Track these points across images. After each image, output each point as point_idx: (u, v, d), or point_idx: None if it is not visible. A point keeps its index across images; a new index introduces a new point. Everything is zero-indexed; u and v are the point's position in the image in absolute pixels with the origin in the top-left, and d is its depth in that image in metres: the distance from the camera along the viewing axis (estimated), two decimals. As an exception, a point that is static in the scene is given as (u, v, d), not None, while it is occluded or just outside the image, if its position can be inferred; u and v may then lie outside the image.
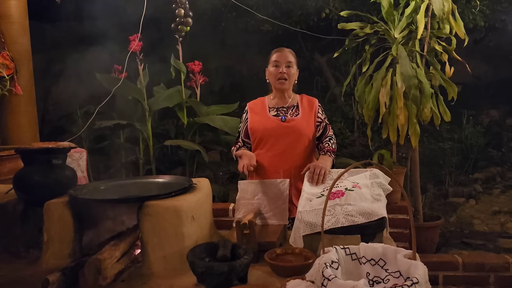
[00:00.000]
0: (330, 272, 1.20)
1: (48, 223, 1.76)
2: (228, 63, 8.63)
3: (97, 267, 1.48)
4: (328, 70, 8.13)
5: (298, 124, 2.41)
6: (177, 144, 3.94)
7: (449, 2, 3.09)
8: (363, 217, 1.67)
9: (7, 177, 2.50)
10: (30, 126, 3.20)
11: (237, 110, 4.30)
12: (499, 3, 5.87)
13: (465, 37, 3.21)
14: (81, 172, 2.27)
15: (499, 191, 5.33)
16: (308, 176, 2.10)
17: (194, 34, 4.65)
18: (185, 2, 3.89)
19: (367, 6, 5.35)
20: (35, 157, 1.89)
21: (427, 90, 3.07)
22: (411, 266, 1.22)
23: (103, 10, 4.11)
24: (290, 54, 2.45)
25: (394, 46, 3.19)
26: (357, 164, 1.42)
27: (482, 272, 2.96)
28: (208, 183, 2.00)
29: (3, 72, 2.88)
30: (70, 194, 1.77)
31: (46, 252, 1.76)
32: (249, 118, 2.49)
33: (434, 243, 3.48)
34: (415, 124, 3.16)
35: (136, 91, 3.88)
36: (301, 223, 1.71)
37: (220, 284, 1.44)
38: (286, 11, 6.72)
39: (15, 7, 3.07)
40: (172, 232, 1.66)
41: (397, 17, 3.24)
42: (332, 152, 2.39)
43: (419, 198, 3.51)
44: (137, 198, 1.73)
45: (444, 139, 6.77)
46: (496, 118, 7.35)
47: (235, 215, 2.10)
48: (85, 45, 4.79)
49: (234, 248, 1.60)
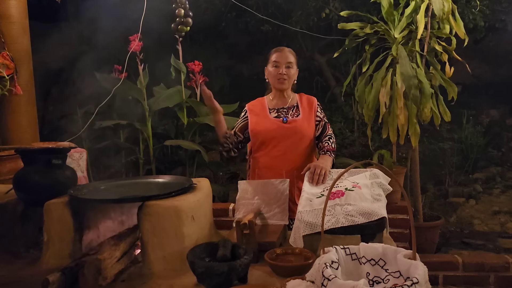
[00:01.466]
0: (330, 272, 1.20)
1: (48, 223, 1.76)
2: (228, 63, 8.63)
3: (97, 267, 1.48)
4: (328, 70, 8.13)
5: (299, 124, 2.41)
6: (177, 144, 3.93)
7: (449, 2, 3.09)
8: (363, 217, 1.67)
9: (7, 177, 2.50)
10: (30, 126, 3.20)
11: (237, 110, 4.29)
12: (499, 3, 5.87)
13: (465, 37, 3.21)
14: (81, 172, 2.27)
15: (499, 191, 5.32)
16: (308, 176, 2.10)
17: (194, 34, 4.65)
18: (185, 2, 3.88)
19: (367, 6, 5.34)
20: (35, 157, 1.89)
21: (427, 90, 3.07)
22: (411, 266, 1.22)
23: (103, 10, 4.11)
24: (290, 54, 2.44)
25: (394, 46, 3.19)
26: (357, 164, 1.42)
27: (482, 272, 2.96)
28: (208, 183, 2.00)
29: (3, 72, 2.88)
30: (70, 194, 1.77)
31: (46, 252, 1.76)
32: (250, 120, 2.47)
33: (434, 243, 3.48)
34: (415, 124, 3.16)
35: (136, 91, 3.88)
36: (301, 223, 1.71)
37: (220, 284, 1.44)
38: (286, 11, 6.72)
39: (15, 7, 3.07)
40: (172, 232, 1.66)
41: (397, 17, 3.24)
42: (332, 151, 2.38)
43: (419, 198, 3.51)
44: (137, 198, 1.72)
45: (444, 139, 6.76)
46: (496, 118, 7.35)
47: (235, 215, 2.10)
48: (85, 45, 4.79)
49: (234, 248, 1.60)
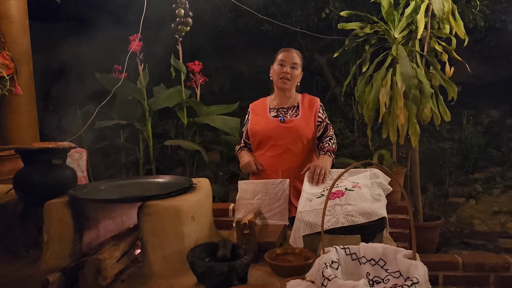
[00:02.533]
0: (330, 272, 1.20)
1: (48, 223, 1.76)
2: (228, 63, 8.63)
3: (97, 267, 1.48)
4: (328, 70, 8.13)
5: (297, 125, 2.41)
6: (177, 144, 3.93)
7: (449, 2, 3.09)
8: (363, 217, 1.67)
9: (7, 177, 2.49)
10: (30, 126, 3.20)
11: (237, 110, 4.30)
12: (499, 3, 5.87)
13: (465, 37, 3.21)
14: (81, 172, 2.27)
15: (499, 191, 5.33)
16: (308, 176, 2.10)
17: (194, 34, 4.65)
18: (185, 2, 3.88)
19: (367, 6, 5.35)
20: (35, 157, 1.89)
21: (427, 90, 3.07)
22: (411, 266, 1.22)
23: (103, 10, 4.11)
24: (296, 56, 2.46)
25: (394, 46, 3.19)
26: (357, 164, 1.42)
27: (482, 272, 2.96)
28: (208, 183, 2.00)
29: (3, 72, 2.87)
30: (70, 194, 1.77)
31: (46, 252, 1.76)
32: (250, 120, 2.49)
33: (434, 243, 3.48)
34: (415, 124, 3.16)
35: (136, 91, 3.88)
36: (301, 223, 1.71)
37: (220, 284, 1.44)
38: (286, 11, 6.72)
39: (15, 7, 3.07)
40: (172, 232, 1.66)
41: (397, 17, 3.24)
42: (332, 152, 2.39)
43: (419, 198, 3.51)
44: (137, 198, 1.72)
45: (444, 139, 6.77)
46: (496, 118, 7.35)
47: (235, 215, 2.10)
48: (85, 45, 4.79)
49: (234, 248, 1.60)
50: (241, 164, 2.42)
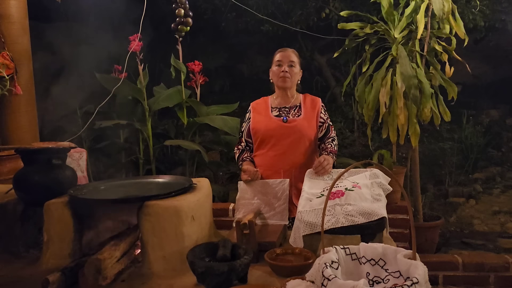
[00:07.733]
0: (330, 272, 1.20)
1: (48, 223, 1.76)
2: (228, 63, 8.63)
3: (97, 267, 1.48)
4: (328, 70, 8.14)
5: (299, 124, 2.41)
6: (177, 144, 3.94)
7: (449, 2, 3.09)
8: (363, 217, 1.67)
9: (7, 177, 2.50)
10: (30, 126, 3.19)
11: (237, 110, 4.30)
12: (499, 3, 5.87)
13: (465, 37, 3.21)
14: (81, 172, 2.27)
15: (499, 191, 5.33)
16: (314, 165, 2.11)
17: (194, 34, 4.65)
18: (185, 2, 3.88)
19: (367, 6, 5.35)
20: (35, 157, 1.89)
21: (427, 90, 3.07)
22: (411, 266, 1.22)
23: (103, 10, 4.11)
24: (293, 54, 2.47)
25: (394, 46, 3.19)
26: (357, 164, 1.42)
27: (482, 272, 2.96)
28: (208, 183, 2.00)
29: (3, 72, 2.87)
30: (70, 194, 1.77)
31: (46, 252, 1.76)
32: (252, 118, 2.49)
33: (434, 243, 3.48)
34: (415, 124, 3.16)
35: (136, 91, 3.88)
36: (301, 223, 1.71)
37: (220, 284, 1.44)
38: (286, 11, 6.72)
39: (15, 7, 3.07)
40: (172, 232, 1.66)
41: (397, 17, 3.24)
42: (334, 153, 2.39)
43: (419, 198, 3.51)
44: (137, 198, 1.72)
45: (444, 139, 6.77)
46: (496, 118, 7.36)
47: (235, 215, 2.10)
48: (85, 45, 4.79)
49: (234, 248, 1.60)
50: (242, 177, 2.37)
